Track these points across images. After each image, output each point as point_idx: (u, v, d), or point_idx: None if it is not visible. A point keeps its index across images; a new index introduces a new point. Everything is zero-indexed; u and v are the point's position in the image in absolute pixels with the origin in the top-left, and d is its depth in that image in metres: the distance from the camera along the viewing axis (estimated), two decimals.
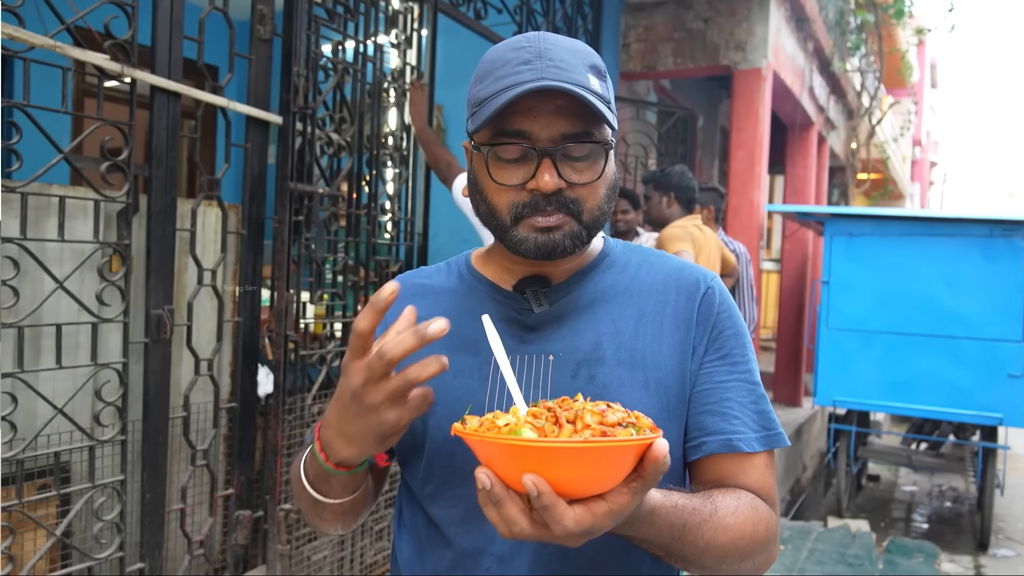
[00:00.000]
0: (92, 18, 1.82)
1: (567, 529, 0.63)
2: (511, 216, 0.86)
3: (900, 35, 9.63)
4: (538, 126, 0.83)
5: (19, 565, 1.81)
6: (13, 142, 1.68)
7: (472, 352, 0.90)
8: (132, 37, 1.92)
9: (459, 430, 0.68)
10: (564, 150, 0.83)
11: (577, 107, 0.83)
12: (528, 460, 0.62)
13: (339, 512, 0.85)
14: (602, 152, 0.86)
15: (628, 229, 4.13)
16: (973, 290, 4.67)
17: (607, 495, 0.65)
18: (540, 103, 0.82)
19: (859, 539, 4.11)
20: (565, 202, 0.85)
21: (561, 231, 0.85)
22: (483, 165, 0.87)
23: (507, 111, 0.83)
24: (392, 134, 3.10)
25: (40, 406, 1.86)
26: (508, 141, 0.84)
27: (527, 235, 0.86)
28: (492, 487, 0.65)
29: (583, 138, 0.84)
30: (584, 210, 0.86)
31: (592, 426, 0.65)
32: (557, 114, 0.83)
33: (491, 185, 0.86)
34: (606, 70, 0.89)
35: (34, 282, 1.91)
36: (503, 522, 0.66)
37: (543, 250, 0.85)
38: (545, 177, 0.82)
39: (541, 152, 0.83)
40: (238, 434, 2.41)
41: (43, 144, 1.75)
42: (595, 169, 0.86)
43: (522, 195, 0.85)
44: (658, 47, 5.37)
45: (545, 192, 0.83)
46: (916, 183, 19.56)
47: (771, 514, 0.88)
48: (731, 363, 0.91)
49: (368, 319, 0.68)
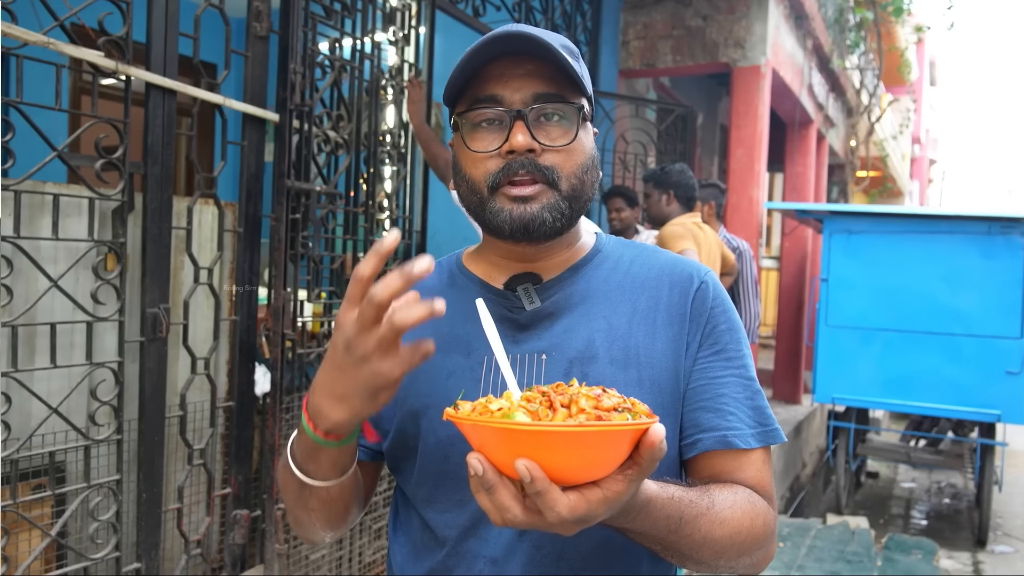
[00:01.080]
0: (87, 14, 1.81)
1: (560, 516, 0.62)
2: (488, 187, 0.85)
3: (899, 33, 9.62)
4: (509, 89, 0.84)
5: (14, 566, 1.80)
6: (7, 139, 1.67)
7: (464, 353, 0.89)
8: (127, 34, 1.90)
9: (451, 415, 0.66)
10: (537, 110, 0.84)
11: (548, 71, 0.84)
12: (521, 445, 0.61)
13: (326, 500, 0.82)
14: (576, 116, 0.86)
15: (625, 227, 4.12)
16: (972, 287, 4.68)
17: (602, 482, 0.64)
18: (511, 68, 0.84)
19: (858, 536, 4.11)
20: (540, 168, 0.84)
21: (538, 202, 0.84)
22: (462, 141, 0.87)
23: (480, 79, 0.84)
24: (390, 132, 3.09)
25: (35, 406, 1.85)
26: (482, 106, 0.85)
27: (502, 206, 0.84)
28: (484, 472, 0.63)
29: (555, 100, 0.84)
30: (561, 177, 0.85)
31: (587, 410, 0.64)
32: (528, 77, 0.84)
33: (468, 156, 0.86)
34: (579, 55, 0.90)
35: (28, 281, 1.90)
36: (495, 509, 0.65)
37: (519, 223, 0.84)
38: (518, 137, 0.83)
39: (513, 114, 0.83)
40: (235, 433, 2.40)
41: (37, 142, 1.74)
42: (569, 134, 0.85)
43: (498, 163, 0.84)
44: (657, 44, 5.36)
45: (518, 151, 0.83)
46: (915, 180, 19.56)
47: (769, 510, 0.87)
48: (726, 358, 0.90)
49: (370, 265, 0.67)
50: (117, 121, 1.90)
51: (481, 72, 0.85)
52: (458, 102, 0.88)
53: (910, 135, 15.43)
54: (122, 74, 1.89)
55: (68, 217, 1.96)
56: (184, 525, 2.19)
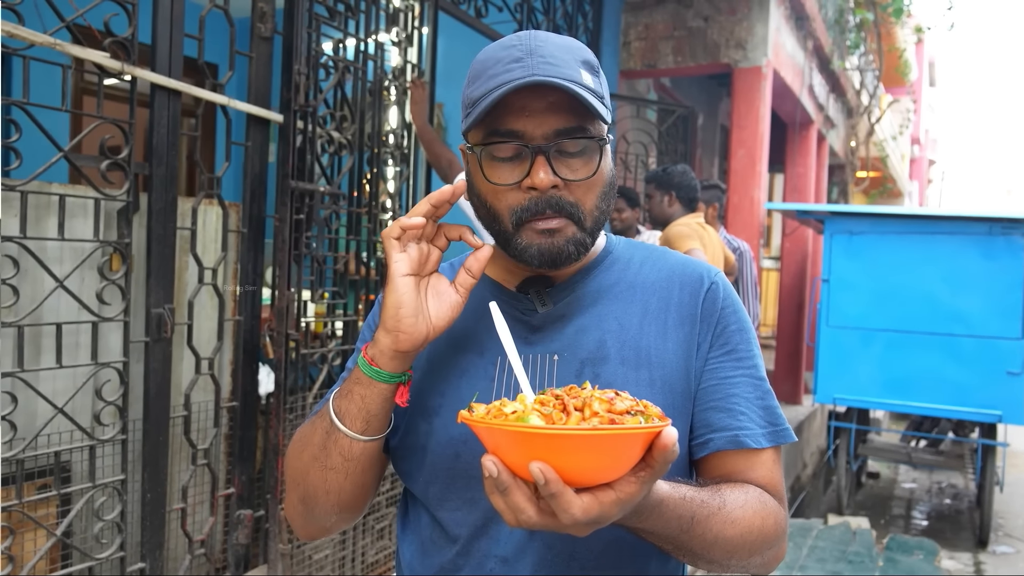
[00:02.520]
0: (92, 16, 1.81)
1: (574, 518, 0.63)
2: (512, 223, 0.85)
3: (899, 33, 9.64)
4: (531, 124, 0.82)
5: (19, 565, 1.80)
6: (13, 140, 1.67)
7: (478, 352, 0.90)
8: (132, 35, 1.91)
9: (466, 417, 0.67)
10: (558, 146, 0.83)
11: (570, 103, 0.82)
12: (535, 448, 0.62)
13: (348, 457, 0.84)
14: (597, 148, 0.85)
15: (626, 227, 4.12)
16: (972, 288, 4.68)
17: (615, 484, 0.64)
18: (532, 101, 0.81)
19: (859, 536, 4.11)
20: (563, 205, 0.84)
21: (563, 235, 0.84)
22: (478, 167, 0.86)
23: (499, 110, 0.82)
24: (393, 132, 3.09)
25: (40, 405, 1.85)
26: (501, 140, 0.83)
27: (531, 242, 0.85)
28: (499, 475, 0.64)
29: (576, 134, 0.83)
30: (584, 213, 0.85)
31: (600, 414, 0.64)
32: (549, 111, 0.82)
33: (487, 187, 0.85)
34: (599, 66, 0.88)
35: (34, 281, 1.90)
36: (510, 510, 0.65)
37: (547, 256, 0.84)
38: (540, 175, 0.81)
39: (535, 149, 0.82)
40: (239, 433, 2.40)
41: (43, 142, 1.74)
42: (591, 166, 0.84)
43: (520, 198, 0.84)
44: (658, 45, 5.36)
45: (541, 189, 0.82)
46: (915, 181, 19.57)
47: (780, 509, 0.87)
48: (736, 359, 0.90)
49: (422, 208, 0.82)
50: (122, 122, 1.91)
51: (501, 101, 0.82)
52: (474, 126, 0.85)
53: (910, 136, 15.44)
54: (127, 75, 1.90)
55: (73, 217, 1.97)
56: (188, 525, 2.19)
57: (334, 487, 0.87)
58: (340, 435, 0.83)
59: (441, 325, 0.82)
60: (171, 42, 2.04)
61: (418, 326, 0.80)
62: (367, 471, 0.87)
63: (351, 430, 0.83)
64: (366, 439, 0.83)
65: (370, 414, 0.82)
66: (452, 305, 0.82)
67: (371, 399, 0.82)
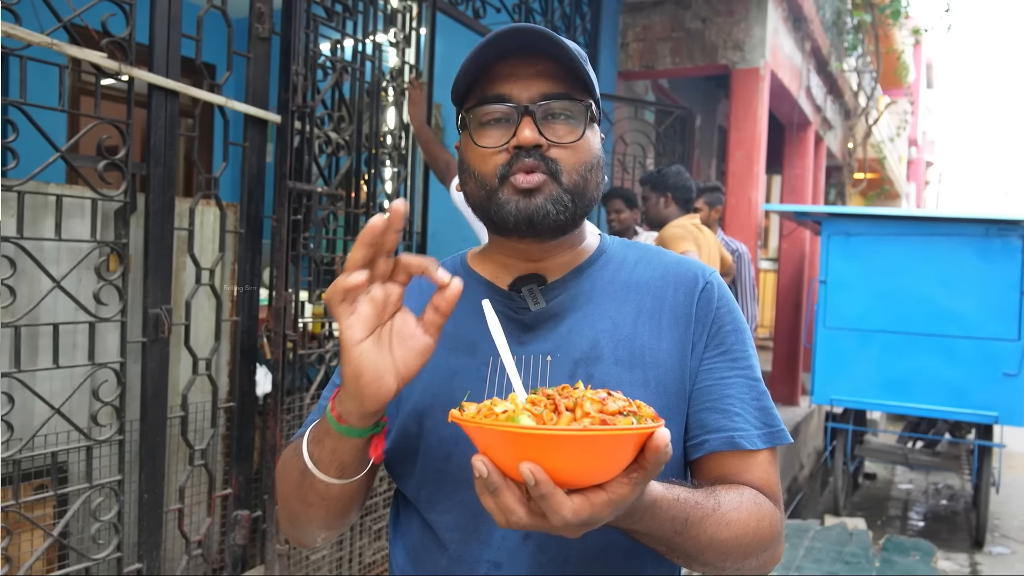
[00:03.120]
0: (89, 16, 1.81)
1: (565, 519, 0.62)
2: (497, 178, 0.86)
3: (897, 35, 9.66)
4: (518, 88, 0.85)
5: (16, 566, 1.80)
6: (10, 140, 1.67)
7: (470, 353, 0.89)
8: (130, 35, 1.91)
9: (456, 416, 0.66)
10: (544, 108, 0.85)
11: (558, 71, 0.85)
12: (526, 448, 0.61)
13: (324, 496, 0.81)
14: (583, 116, 0.87)
15: (624, 228, 4.13)
16: (969, 289, 4.69)
17: (607, 485, 0.64)
18: (520, 68, 0.85)
19: (856, 537, 4.12)
20: (544, 160, 0.85)
21: (542, 194, 0.84)
22: (468, 138, 0.87)
23: (488, 77, 0.85)
24: (391, 133, 3.10)
25: (37, 406, 1.85)
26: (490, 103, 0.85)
27: (508, 198, 0.85)
28: (489, 475, 0.63)
29: (563, 98, 0.85)
30: (563, 170, 0.85)
31: (592, 414, 0.64)
32: (537, 76, 0.85)
33: (476, 152, 0.87)
34: (587, 59, 0.90)
35: (31, 281, 1.90)
36: (500, 511, 0.65)
37: (523, 215, 0.84)
38: (525, 132, 0.83)
39: (521, 110, 0.84)
40: (236, 434, 2.40)
41: (40, 142, 1.74)
42: (576, 132, 0.86)
43: (505, 157, 0.85)
44: (656, 47, 5.37)
45: (525, 146, 0.83)
46: (912, 183, 19.59)
47: (775, 511, 0.87)
48: (731, 359, 0.90)
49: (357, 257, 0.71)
50: (119, 122, 1.91)
51: (490, 70, 0.86)
52: (466, 99, 0.88)
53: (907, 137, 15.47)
54: (125, 75, 1.90)
55: (71, 218, 1.97)
56: (185, 526, 2.19)
57: (316, 517, 0.85)
58: (315, 478, 0.80)
59: (410, 374, 0.74)
60: (168, 42, 2.04)
61: (384, 385, 0.72)
62: (348, 503, 0.85)
63: (326, 475, 0.79)
64: (342, 482, 0.80)
65: (343, 463, 0.79)
66: (421, 351, 0.74)
67: (343, 451, 0.78)
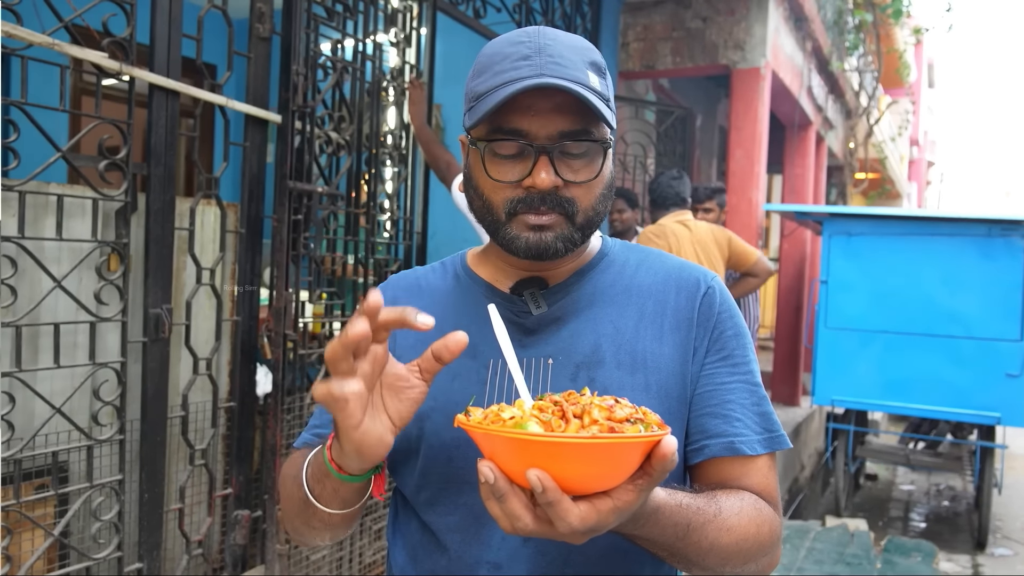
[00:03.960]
0: (90, 16, 1.81)
1: (571, 526, 0.62)
2: (505, 212, 0.85)
3: (898, 35, 9.64)
4: (536, 124, 0.81)
5: (17, 565, 1.80)
6: (11, 140, 1.67)
7: (470, 355, 0.89)
8: (131, 35, 1.91)
9: (463, 422, 0.66)
10: (562, 147, 0.82)
11: (576, 105, 0.82)
12: (533, 455, 0.61)
13: (328, 523, 0.83)
14: (600, 151, 0.85)
15: (626, 228, 4.13)
16: (971, 290, 4.68)
17: (613, 492, 0.64)
18: (538, 101, 0.81)
19: (857, 538, 4.11)
20: (560, 201, 0.84)
21: (553, 232, 0.84)
22: (479, 161, 0.85)
23: (505, 108, 0.81)
24: (391, 133, 3.10)
25: (38, 405, 1.85)
26: (505, 138, 0.83)
27: (519, 233, 0.84)
28: (496, 481, 0.63)
29: (581, 136, 0.83)
30: (579, 211, 0.85)
31: (600, 421, 0.63)
32: (555, 112, 0.81)
33: (487, 182, 0.85)
34: (605, 67, 0.88)
35: (32, 281, 1.90)
36: (506, 517, 0.65)
37: (533, 250, 0.84)
38: (542, 175, 0.81)
39: (538, 149, 0.82)
40: (237, 434, 2.40)
41: (41, 142, 1.74)
42: (592, 168, 0.84)
43: (517, 191, 0.84)
44: (657, 46, 5.36)
45: (541, 189, 0.82)
46: (913, 183, 19.58)
47: (775, 516, 0.87)
48: (732, 364, 0.89)
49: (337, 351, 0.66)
50: (120, 122, 1.91)
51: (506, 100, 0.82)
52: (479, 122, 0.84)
53: (908, 137, 15.45)
54: (126, 75, 1.90)
55: (71, 218, 1.97)
56: (185, 525, 2.19)
57: (320, 535, 0.87)
58: (317, 509, 0.81)
59: (405, 422, 0.74)
60: (169, 42, 2.04)
61: (383, 444, 0.71)
62: (352, 520, 0.86)
63: (328, 508, 0.80)
64: (344, 512, 0.81)
65: (345, 499, 0.80)
66: (415, 399, 0.74)
67: (344, 491, 0.78)
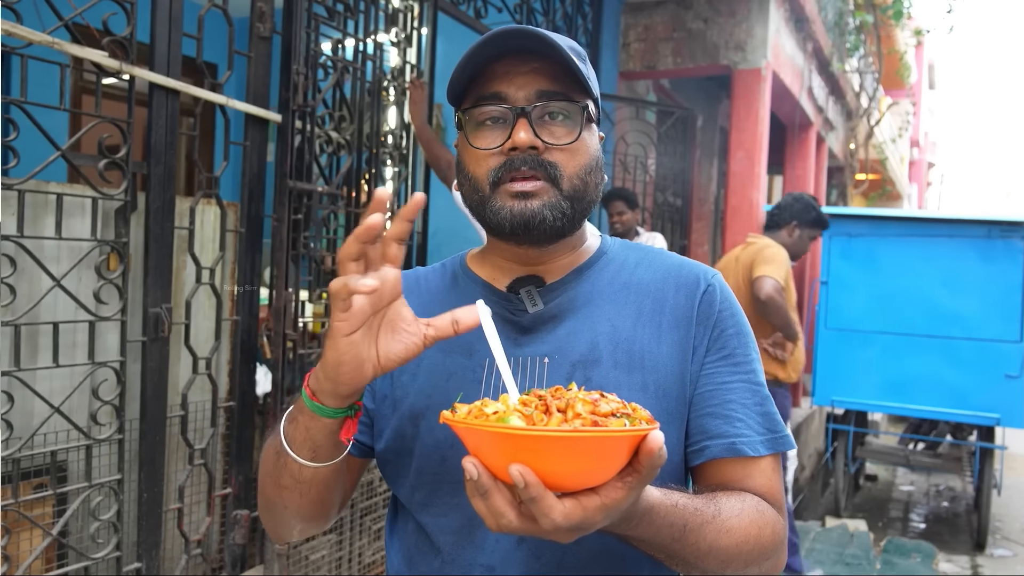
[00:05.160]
0: (91, 15, 1.81)
1: (555, 523, 0.61)
2: (489, 184, 0.84)
3: (899, 36, 9.65)
4: (514, 87, 0.84)
5: (15, 565, 1.80)
6: (10, 139, 1.67)
7: (466, 354, 0.88)
8: (131, 34, 1.91)
9: (447, 417, 0.66)
10: (541, 109, 0.84)
11: (554, 70, 0.84)
12: (516, 449, 0.60)
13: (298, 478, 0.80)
14: (579, 115, 0.85)
15: (626, 230, 4.12)
16: (971, 291, 4.68)
17: (600, 489, 0.62)
18: (516, 66, 0.84)
19: (857, 539, 4.11)
20: (542, 163, 0.83)
21: (539, 199, 0.83)
22: (465, 139, 0.86)
23: (484, 76, 0.84)
24: (392, 133, 3.09)
25: (37, 405, 1.84)
26: (486, 104, 0.84)
27: (503, 203, 0.84)
28: (479, 477, 0.62)
29: (559, 97, 0.84)
30: (563, 175, 0.84)
31: (583, 415, 0.62)
32: (533, 75, 0.84)
33: (471, 154, 0.86)
34: (586, 58, 0.89)
35: (31, 280, 1.90)
36: (490, 514, 0.64)
37: (519, 219, 0.83)
38: (520, 134, 0.82)
39: (516, 111, 0.83)
40: (236, 433, 2.40)
41: (41, 141, 1.74)
42: (572, 133, 0.85)
43: (500, 159, 0.84)
44: (658, 47, 5.36)
45: (520, 149, 0.82)
46: (914, 184, 19.58)
47: (778, 519, 0.85)
48: (733, 363, 0.88)
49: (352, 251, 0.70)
50: (120, 121, 1.90)
51: (486, 70, 0.85)
52: (463, 99, 0.88)
53: (909, 138, 15.45)
54: (126, 74, 1.90)
55: (71, 216, 1.96)
56: (184, 525, 2.19)
57: (290, 503, 0.84)
58: (289, 458, 0.79)
59: (389, 366, 0.73)
60: (170, 41, 2.03)
61: (362, 372, 0.72)
62: (323, 491, 0.84)
63: (299, 456, 0.78)
64: (315, 465, 0.79)
65: (316, 444, 0.78)
66: (407, 348, 0.73)
67: (315, 431, 0.77)
